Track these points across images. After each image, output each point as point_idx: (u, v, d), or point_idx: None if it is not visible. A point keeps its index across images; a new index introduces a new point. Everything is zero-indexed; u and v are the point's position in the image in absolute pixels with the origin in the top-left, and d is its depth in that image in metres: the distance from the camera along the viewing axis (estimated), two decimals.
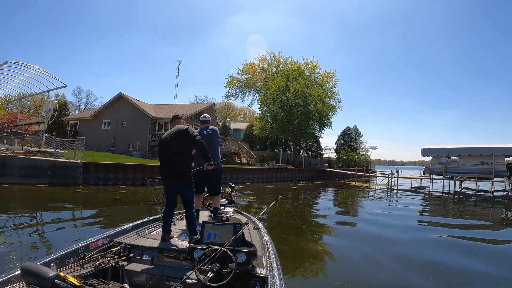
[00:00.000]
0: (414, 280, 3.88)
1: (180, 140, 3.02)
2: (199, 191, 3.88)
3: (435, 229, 7.54)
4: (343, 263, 4.53)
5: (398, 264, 4.54)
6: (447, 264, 4.54)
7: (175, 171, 3.00)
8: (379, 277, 3.98)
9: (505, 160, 20.88)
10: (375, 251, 5.16)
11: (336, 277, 3.85)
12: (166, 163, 3.04)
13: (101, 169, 13.32)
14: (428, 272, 4.12)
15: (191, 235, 2.99)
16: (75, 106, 54.92)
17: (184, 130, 3.06)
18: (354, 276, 3.96)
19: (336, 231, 6.60)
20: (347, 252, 5.07)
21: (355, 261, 4.62)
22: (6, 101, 20.18)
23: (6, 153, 11.48)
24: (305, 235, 6.02)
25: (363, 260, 4.70)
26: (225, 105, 56.16)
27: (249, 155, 27.44)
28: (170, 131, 3.15)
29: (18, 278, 1.84)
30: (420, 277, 3.97)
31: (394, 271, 4.20)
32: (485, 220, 9.23)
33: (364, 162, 39.55)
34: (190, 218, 3.05)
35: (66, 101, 46.76)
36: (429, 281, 3.81)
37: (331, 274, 4.04)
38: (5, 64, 13.29)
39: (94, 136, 24.53)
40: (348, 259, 4.70)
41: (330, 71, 33.31)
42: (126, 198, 9.96)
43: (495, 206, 12.47)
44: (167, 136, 3.11)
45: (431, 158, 23.46)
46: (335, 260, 4.64)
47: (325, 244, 5.61)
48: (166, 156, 3.05)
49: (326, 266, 4.40)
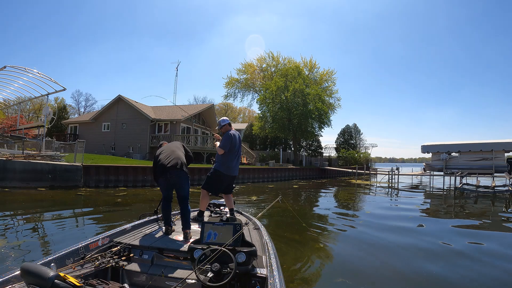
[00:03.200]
0: (414, 276, 3.89)
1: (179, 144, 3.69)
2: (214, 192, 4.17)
3: (434, 225, 7.54)
4: (344, 261, 4.54)
5: (398, 260, 4.55)
6: (446, 261, 4.55)
7: (175, 161, 3.26)
8: (380, 274, 3.99)
9: (505, 155, 20.86)
10: (376, 248, 5.17)
11: (337, 275, 3.86)
12: (166, 157, 3.32)
13: (102, 172, 13.34)
14: (429, 267, 4.13)
15: (184, 230, 3.07)
16: (75, 109, 55.08)
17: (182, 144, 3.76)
18: (355, 273, 3.96)
19: (337, 229, 6.60)
20: (348, 250, 5.08)
21: (356, 259, 4.62)
22: (5, 105, 20.19)
23: (6, 157, 11.50)
24: (305, 235, 6.02)
25: (364, 257, 4.70)
26: (224, 105, 56.17)
27: (249, 155, 27.44)
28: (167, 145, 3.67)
29: (18, 278, 1.85)
30: (420, 271, 3.98)
31: (395, 267, 4.21)
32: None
33: (364, 160, 39.56)
34: (185, 213, 3.21)
35: (65, 105, 46.83)
36: (431, 270, 3.82)
37: (331, 272, 4.04)
38: (4, 69, 13.31)
39: (94, 139, 24.56)
40: (349, 257, 4.71)
41: (329, 69, 33.33)
42: (128, 200, 9.97)
43: (496, 201, 12.49)
44: (166, 145, 3.67)
45: (431, 154, 23.44)
46: (336, 258, 4.65)
47: (326, 241, 5.61)
48: (166, 153, 3.38)
49: (327, 265, 4.40)
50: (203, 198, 4.02)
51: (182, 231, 3.09)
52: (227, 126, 4.17)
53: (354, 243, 5.52)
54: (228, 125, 4.20)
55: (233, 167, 4.07)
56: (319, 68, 33.44)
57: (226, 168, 4.02)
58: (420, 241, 5.68)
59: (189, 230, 3.07)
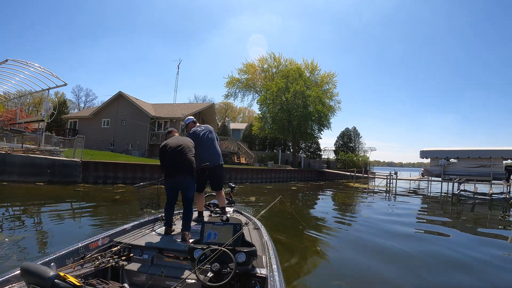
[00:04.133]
0: (412, 278, 3.91)
1: (187, 141, 3.50)
2: (200, 189, 4.01)
3: (431, 226, 7.57)
4: (342, 263, 4.56)
5: (395, 263, 4.57)
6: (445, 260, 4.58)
7: (186, 165, 3.25)
8: (377, 277, 4.01)
9: (504, 162, 20.94)
10: (373, 251, 5.19)
11: (335, 277, 3.88)
12: (173, 158, 3.27)
13: (101, 168, 13.32)
14: (426, 270, 4.15)
15: (184, 232, 3.05)
16: (75, 104, 54.89)
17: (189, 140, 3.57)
18: (352, 276, 3.98)
19: (335, 232, 6.62)
20: (346, 252, 5.10)
21: (354, 261, 4.65)
22: (5, 98, 20.15)
23: (5, 151, 11.47)
24: (305, 235, 6.04)
25: (361, 260, 4.73)
26: (224, 105, 56.16)
27: (248, 155, 27.44)
28: (173, 138, 3.52)
29: (18, 278, 1.85)
30: (417, 273, 4.00)
31: (391, 270, 4.23)
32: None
33: (363, 163, 39.55)
34: (188, 215, 3.21)
35: (65, 99, 46.64)
36: (426, 277, 3.84)
37: (330, 273, 4.07)
38: (6, 62, 13.30)
39: (93, 135, 24.49)
40: (347, 259, 4.73)
41: (330, 72, 33.37)
42: (126, 197, 9.97)
43: (493, 208, 12.54)
44: (174, 140, 3.45)
45: (430, 160, 23.49)
46: (334, 260, 4.67)
47: (324, 244, 5.63)
48: (176, 152, 3.30)
49: (325, 266, 4.43)
50: (197, 199, 4.04)
51: (181, 232, 3.08)
52: (191, 124, 4.23)
53: (351, 246, 5.54)
54: (193, 122, 4.26)
55: (208, 158, 3.99)
56: (320, 70, 33.59)
57: (201, 161, 3.97)
58: (416, 246, 5.71)
59: (188, 232, 3.06)
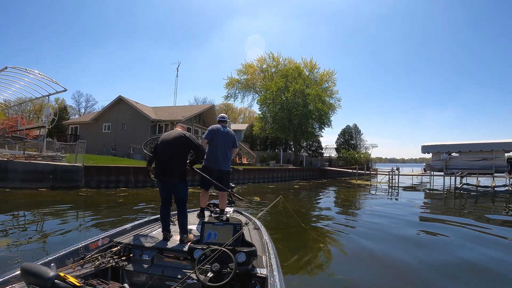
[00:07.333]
0: (413, 274, 3.91)
1: (179, 141, 3.16)
2: (206, 187, 4.13)
3: (432, 223, 7.55)
4: (342, 262, 4.55)
5: (397, 258, 4.56)
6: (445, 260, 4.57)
7: (172, 170, 3.08)
8: (377, 277, 4.00)
9: (506, 155, 20.85)
10: (375, 247, 5.18)
11: (335, 277, 3.86)
12: (164, 162, 3.12)
13: (103, 172, 13.36)
14: (428, 265, 4.14)
15: (181, 234, 3.00)
16: (75, 110, 55.08)
17: (185, 136, 3.21)
18: (353, 276, 3.97)
19: (336, 231, 6.61)
20: (348, 249, 5.09)
21: (356, 258, 4.64)
22: (6, 106, 20.24)
23: (7, 158, 11.53)
24: (305, 235, 6.04)
25: (363, 256, 4.72)
26: (224, 106, 56.15)
27: (250, 156, 27.45)
28: (169, 133, 3.28)
29: (18, 278, 1.85)
30: (417, 269, 4.00)
31: (392, 270, 4.23)
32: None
33: (364, 160, 39.50)
34: (183, 216, 3.11)
35: (66, 105, 46.91)
36: (423, 270, 3.84)
37: (330, 273, 4.04)
38: (5, 69, 13.35)
39: (94, 140, 24.59)
40: (347, 259, 4.72)
41: (329, 70, 33.23)
42: (129, 201, 9.99)
43: (496, 201, 12.49)
44: (167, 137, 3.22)
45: (432, 155, 23.43)
46: (335, 260, 4.66)
47: (324, 244, 5.62)
48: (164, 156, 3.13)
49: (326, 265, 4.42)
50: (201, 196, 4.18)
51: (180, 236, 3.03)
52: (218, 122, 4.31)
53: (353, 246, 5.51)
54: (219, 121, 4.32)
55: (218, 161, 4.05)
56: (319, 68, 33.45)
57: (209, 161, 4.05)
58: (419, 241, 5.70)
59: (186, 235, 3.01)
